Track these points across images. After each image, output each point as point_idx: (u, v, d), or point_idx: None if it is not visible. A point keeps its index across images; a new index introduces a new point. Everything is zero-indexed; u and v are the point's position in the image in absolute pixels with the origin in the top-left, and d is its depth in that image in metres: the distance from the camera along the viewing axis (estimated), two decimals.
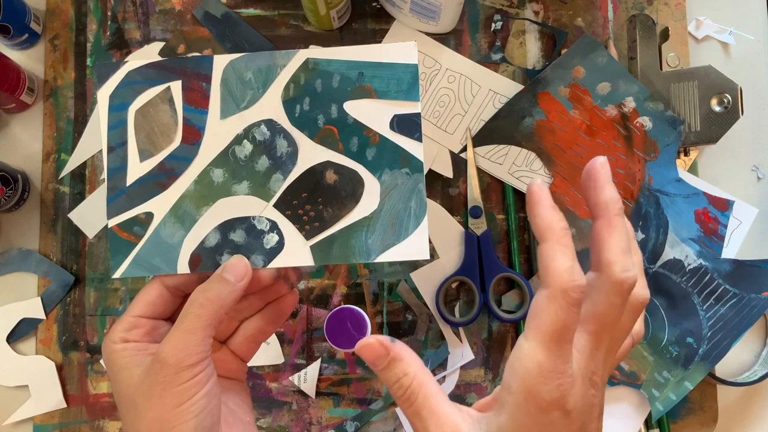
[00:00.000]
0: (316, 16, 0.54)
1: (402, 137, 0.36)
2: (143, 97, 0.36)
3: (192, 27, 0.57)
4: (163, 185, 0.35)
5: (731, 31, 0.58)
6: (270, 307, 0.37)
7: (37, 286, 0.55)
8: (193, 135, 0.36)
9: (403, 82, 0.36)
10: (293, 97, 0.36)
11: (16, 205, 0.54)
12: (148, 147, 0.36)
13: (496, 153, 0.55)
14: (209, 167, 0.36)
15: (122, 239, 0.35)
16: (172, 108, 0.36)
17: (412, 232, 0.35)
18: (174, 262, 0.35)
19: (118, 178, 0.36)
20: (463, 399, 0.54)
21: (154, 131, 0.36)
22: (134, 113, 0.36)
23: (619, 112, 0.54)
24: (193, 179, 0.35)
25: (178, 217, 0.35)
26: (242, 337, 0.37)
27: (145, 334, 0.33)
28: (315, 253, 0.35)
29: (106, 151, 0.36)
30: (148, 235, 0.35)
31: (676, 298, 0.52)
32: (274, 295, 0.37)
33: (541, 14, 0.58)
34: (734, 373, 0.55)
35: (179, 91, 0.36)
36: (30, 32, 0.56)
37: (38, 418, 0.53)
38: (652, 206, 0.53)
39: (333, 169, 0.36)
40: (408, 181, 0.35)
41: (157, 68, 0.36)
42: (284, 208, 0.35)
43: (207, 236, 0.35)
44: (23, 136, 0.57)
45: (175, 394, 0.30)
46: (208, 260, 0.35)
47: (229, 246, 0.35)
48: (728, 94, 0.54)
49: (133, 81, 0.36)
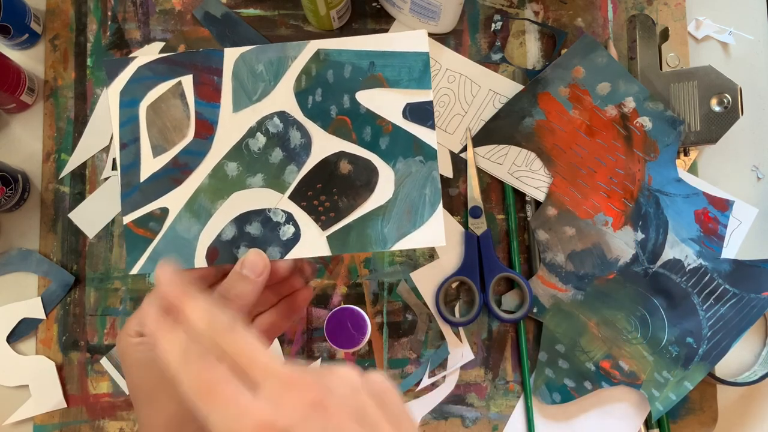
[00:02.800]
0: (316, 16, 0.54)
1: (415, 125, 0.36)
2: (154, 93, 0.36)
3: (192, 27, 0.57)
4: (178, 180, 0.35)
5: (731, 31, 0.58)
6: (284, 301, 0.37)
7: (37, 286, 0.55)
8: (205, 129, 0.36)
9: (415, 71, 0.36)
10: (305, 89, 0.36)
11: (16, 205, 0.55)
12: (161, 142, 0.36)
13: (496, 153, 0.55)
14: (223, 161, 0.36)
15: (138, 235, 0.35)
16: (184, 102, 0.36)
17: (427, 219, 0.35)
18: (191, 257, 0.35)
19: (131, 174, 0.36)
20: (464, 399, 0.54)
21: (167, 126, 0.36)
22: (146, 109, 0.36)
23: (619, 112, 0.54)
24: (207, 173, 0.35)
25: (194, 212, 0.35)
26: (256, 331, 0.37)
27: None
28: (332, 243, 0.35)
29: (118, 147, 0.36)
30: (164, 230, 0.35)
31: (676, 298, 0.52)
32: (288, 289, 0.37)
33: (541, 14, 0.58)
34: (734, 373, 0.55)
35: (190, 85, 0.36)
36: (30, 32, 0.56)
37: (38, 418, 0.53)
38: (651, 206, 0.53)
39: (347, 159, 0.36)
40: (422, 168, 0.35)
41: (167, 63, 0.36)
42: (299, 200, 0.35)
43: (223, 230, 0.35)
44: (23, 136, 0.57)
45: None
46: (225, 253, 0.35)
47: (246, 239, 0.35)
48: (728, 94, 0.54)
49: (143, 77, 0.36)
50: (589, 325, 0.53)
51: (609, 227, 0.53)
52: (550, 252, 0.54)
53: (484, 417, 0.54)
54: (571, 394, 0.53)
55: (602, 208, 0.53)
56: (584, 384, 0.53)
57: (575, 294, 0.53)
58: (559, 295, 0.53)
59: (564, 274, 0.53)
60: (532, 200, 0.55)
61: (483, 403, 0.54)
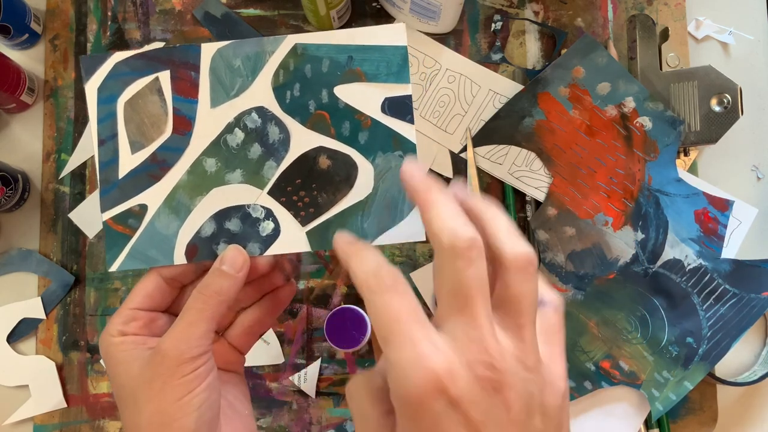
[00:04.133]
0: (316, 16, 0.54)
1: (394, 120, 0.35)
2: (132, 89, 0.35)
3: (192, 27, 0.57)
4: (156, 176, 0.35)
5: (731, 31, 0.58)
6: (267, 297, 0.37)
7: (37, 286, 0.55)
8: (183, 125, 0.35)
9: (393, 65, 0.35)
10: (283, 84, 0.35)
11: (16, 205, 0.55)
12: (139, 138, 0.35)
13: (496, 153, 0.55)
14: (201, 157, 0.35)
15: (117, 232, 0.35)
16: (162, 98, 0.35)
17: (407, 215, 0.35)
18: (170, 253, 0.35)
19: (110, 170, 0.35)
20: None
21: (144, 122, 0.35)
22: (123, 105, 0.35)
23: (619, 112, 0.54)
24: (185, 169, 0.35)
25: (173, 208, 0.35)
26: (240, 328, 0.37)
27: (143, 326, 0.33)
28: (311, 239, 0.35)
29: (96, 144, 0.35)
30: (143, 227, 0.35)
31: (676, 298, 0.52)
32: (270, 286, 0.37)
33: (541, 14, 0.58)
34: (734, 373, 0.55)
35: (168, 81, 0.35)
36: (30, 32, 0.56)
37: (38, 418, 0.53)
38: (651, 206, 0.53)
39: (326, 154, 0.35)
40: (401, 163, 0.35)
41: (144, 59, 0.35)
42: (279, 195, 0.35)
43: (202, 226, 0.35)
44: (23, 136, 0.57)
45: (176, 387, 0.30)
46: (205, 250, 0.35)
47: (225, 235, 0.35)
48: (728, 94, 0.54)
49: (120, 72, 0.35)
50: (589, 325, 0.53)
51: (609, 227, 0.53)
52: (550, 252, 0.54)
53: None
54: (571, 394, 0.53)
55: (602, 208, 0.54)
56: (584, 384, 0.53)
57: (575, 294, 0.53)
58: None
59: (564, 274, 0.53)
60: (532, 200, 0.55)
61: None
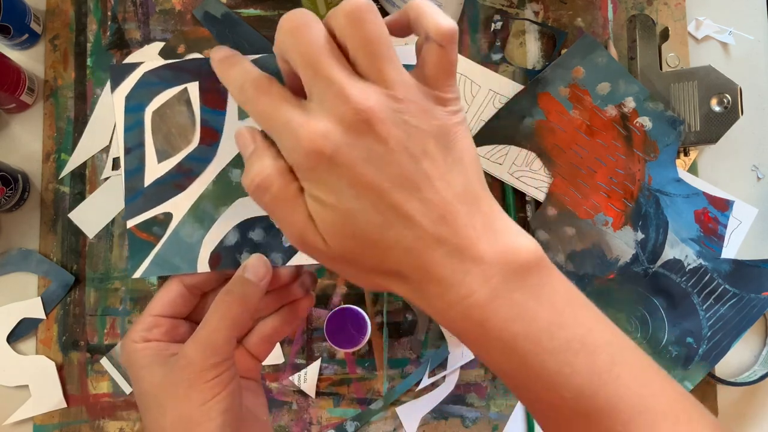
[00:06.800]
0: None
1: None
2: (160, 99, 0.36)
3: (192, 27, 0.57)
4: (181, 186, 0.35)
5: (731, 31, 0.58)
6: (286, 308, 0.38)
7: (37, 286, 0.55)
8: (210, 136, 0.36)
9: None
10: None
11: (16, 205, 0.55)
12: (166, 148, 0.36)
13: (496, 153, 0.55)
14: (227, 167, 0.36)
15: (141, 239, 0.35)
16: (190, 109, 0.36)
17: None
18: (194, 261, 0.35)
19: (135, 179, 0.36)
20: (464, 399, 0.54)
21: (172, 132, 0.36)
22: (151, 114, 0.36)
23: (619, 112, 0.54)
24: (211, 179, 0.36)
25: (197, 217, 0.35)
26: (258, 336, 0.37)
27: (165, 333, 0.33)
28: None
29: (122, 152, 0.36)
30: (167, 235, 0.35)
31: (675, 298, 0.52)
32: (289, 297, 0.37)
33: (541, 14, 0.58)
34: (734, 373, 0.55)
35: (196, 92, 0.36)
36: (30, 32, 0.56)
37: (38, 418, 0.53)
38: (651, 206, 0.53)
39: None
40: None
41: (173, 69, 0.36)
42: None
43: (226, 235, 0.35)
44: (23, 136, 0.57)
45: (200, 392, 0.30)
46: (228, 259, 0.35)
47: (249, 245, 0.35)
48: (728, 94, 0.54)
49: (149, 82, 0.36)
50: None
51: (609, 227, 0.53)
52: (550, 252, 0.54)
53: (484, 417, 0.54)
54: None
55: (602, 208, 0.54)
56: None
57: None
58: None
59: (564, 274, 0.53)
60: (532, 200, 0.55)
61: (483, 403, 0.54)
